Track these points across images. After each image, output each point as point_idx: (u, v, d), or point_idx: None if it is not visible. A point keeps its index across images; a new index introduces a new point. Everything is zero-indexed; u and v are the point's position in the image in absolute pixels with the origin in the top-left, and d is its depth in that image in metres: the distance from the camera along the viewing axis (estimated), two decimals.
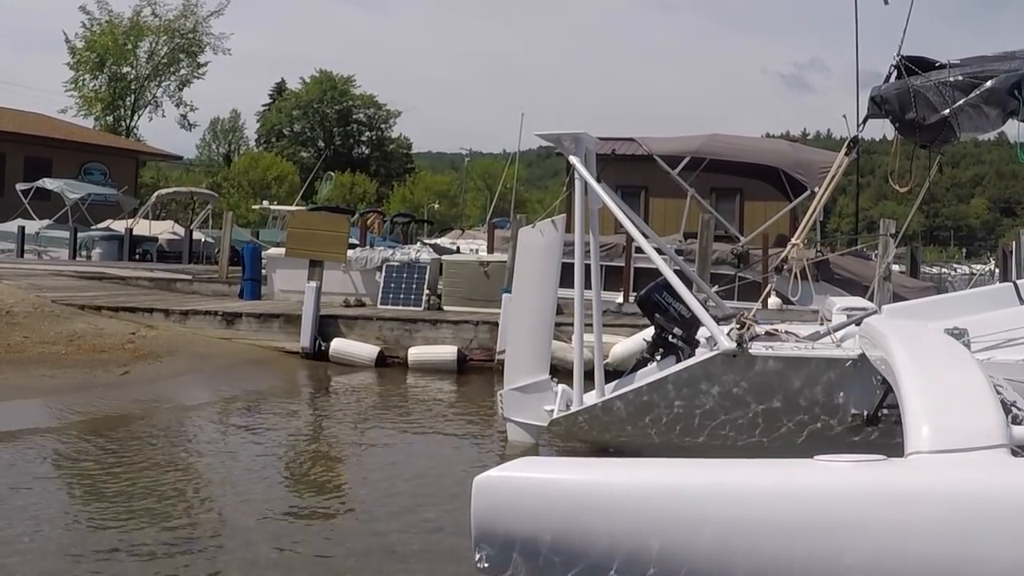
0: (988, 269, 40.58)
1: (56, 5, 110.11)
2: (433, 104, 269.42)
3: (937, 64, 9.26)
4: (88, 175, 42.85)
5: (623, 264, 18.91)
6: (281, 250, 19.40)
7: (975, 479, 3.58)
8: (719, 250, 18.95)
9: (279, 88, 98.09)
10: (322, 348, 15.83)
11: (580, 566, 3.67)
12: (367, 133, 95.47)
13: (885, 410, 7.31)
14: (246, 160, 76.50)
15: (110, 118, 60.02)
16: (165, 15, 60.17)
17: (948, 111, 8.84)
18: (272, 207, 45.99)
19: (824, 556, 3.49)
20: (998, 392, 4.36)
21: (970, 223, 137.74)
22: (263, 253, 20.92)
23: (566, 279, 9.60)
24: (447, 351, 15.54)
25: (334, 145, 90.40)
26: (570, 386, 9.25)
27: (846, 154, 9.51)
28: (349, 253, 18.09)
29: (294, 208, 38.65)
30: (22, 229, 31.47)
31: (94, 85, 59.77)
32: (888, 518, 3.46)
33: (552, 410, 9.13)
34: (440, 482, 8.62)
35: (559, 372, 10.08)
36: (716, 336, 8.06)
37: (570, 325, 10.15)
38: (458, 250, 26.12)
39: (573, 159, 9.04)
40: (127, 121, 61.07)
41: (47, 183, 35.45)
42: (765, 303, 12.97)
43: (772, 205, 21.60)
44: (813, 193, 17.22)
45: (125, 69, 60.15)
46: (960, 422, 3.94)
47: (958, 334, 6.50)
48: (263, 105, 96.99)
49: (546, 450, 9.19)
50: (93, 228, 33.36)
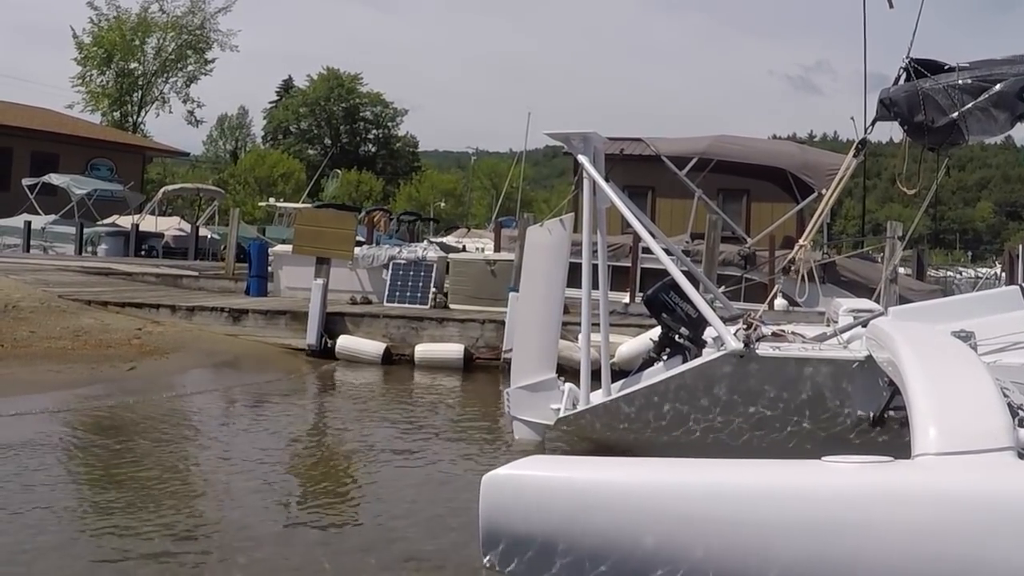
0: (994, 273, 40.47)
1: (64, 1, 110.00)
2: (440, 103, 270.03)
3: (946, 67, 9.26)
4: (94, 171, 42.91)
5: (629, 264, 18.91)
6: (287, 247, 19.41)
7: (982, 481, 3.59)
8: (726, 251, 18.95)
9: (286, 85, 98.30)
10: (328, 345, 15.84)
11: (587, 564, 3.68)
12: (374, 131, 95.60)
13: (891, 412, 7.30)
14: (252, 157, 76.67)
15: (117, 114, 60.13)
16: (173, 11, 60.42)
17: (957, 114, 8.84)
18: (278, 204, 46.09)
19: (831, 557, 3.51)
20: (1005, 395, 4.36)
21: (976, 226, 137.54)
22: (269, 250, 20.94)
23: (573, 279, 9.60)
24: (453, 349, 15.55)
25: (341, 143, 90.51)
26: (577, 385, 9.25)
27: (854, 156, 9.52)
28: (356, 251, 18.10)
29: (300, 205, 38.68)
30: (28, 224, 31.51)
31: (101, 81, 59.93)
32: (895, 519, 3.47)
33: (558, 409, 9.12)
34: (446, 479, 8.64)
35: (565, 371, 10.08)
36: (723, 336, 8.06)
37: (577, 324, 10.15)
38: (463, 249, 26.08)
39: (582, 158, 9.03)
40: (134, 117, 61.17)
41: (53, 178, 35.49)
42: (771, 304, 13.00)
43: (779, 207, 21.59)
44: (820, 195, 17.20)
45: (132, 65, 60.26)
46: (967, 424, 3.95)
47: (965, 337, 6.50)
48: (270, 102, 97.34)
49: (552, 449, 9.19)
50: (99, 224, 33.39)
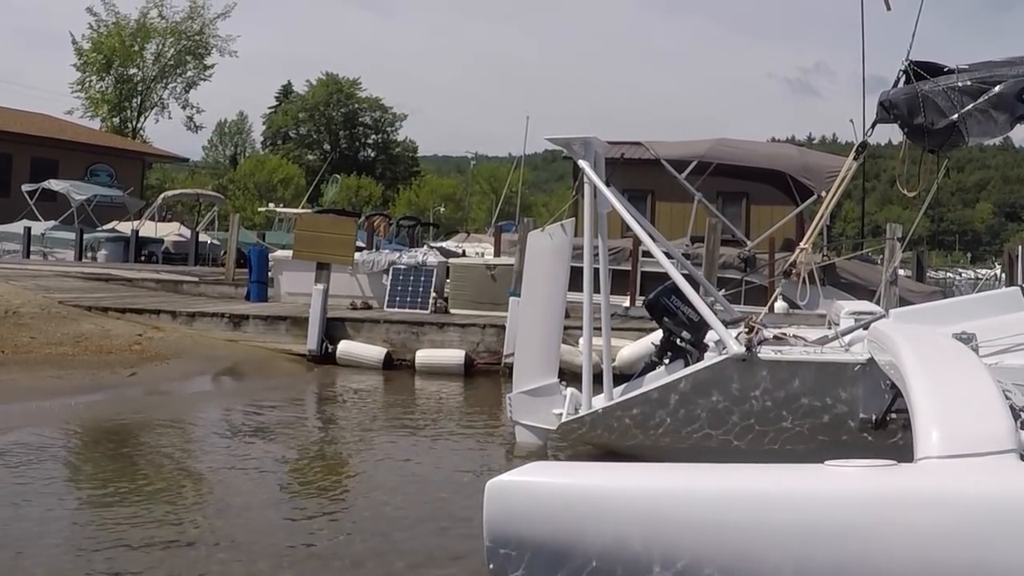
0: (993, 274, 40.47)
1: (63, 6, 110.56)
2: (439, 107, 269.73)
3: (945, 69, 9.26)
4: (94, 176, 42.92)
5: (630, 268, 18.92)
6: (287, 252, 19.41)
7: (985, 484, 3.58)
8: (726, 254, 18.95)
9: (285, 90, 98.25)
10: (329, 350, 15.83)
11: (592, 570, 3.67)
12: (373, 136, 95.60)
13: (894, 414, 7.31)
14: (252, 162, 76.69)
15: (116, 119, 60.09)
16: (172, 17, 60.34)
17: (956, 116, 8.84)
18: (278, 209, 46.07)
19: (834, 561, 3.50)
20: (1007, 397, 4.36)
21: (975, 228, 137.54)
22: (269, 255, 20.94)
23: (574, 283, 9.60)
24: (454, 354, 15.54)
25: (340, 148, 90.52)
26: (579, 389, 9.25)
27: (855, 159, 9.52)
28: (356, 256, 18.10)
29: (300, 211, 38.70)
30: (28, 230, 31.48)
31: (101, 86, 59.90)
32: (898, 523, 3.46)
33: (560, 413, 9.13)
34: (448, 485, 8.63)
35: (567, 376, 10.08)
36: (725, 340, 8.07)
37: (578, 329, 10.16)
38: (463, 253, 26.10)
39: (582, 163, 9.05)
40: (133, 123, 61.14)
41: (53, 184, 35.49)
42: (772, 307, 12.99)
43: (778, 209, 21.59)
44: (820, 198, 17.22)
45: (132, 71, 60.24)
46: (970, 427, 3.94)
47: (966, 339, 6.51)
48: (269, 107, 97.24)
49: (554, 454, 9.19)
50: (99, 229, 33.38)
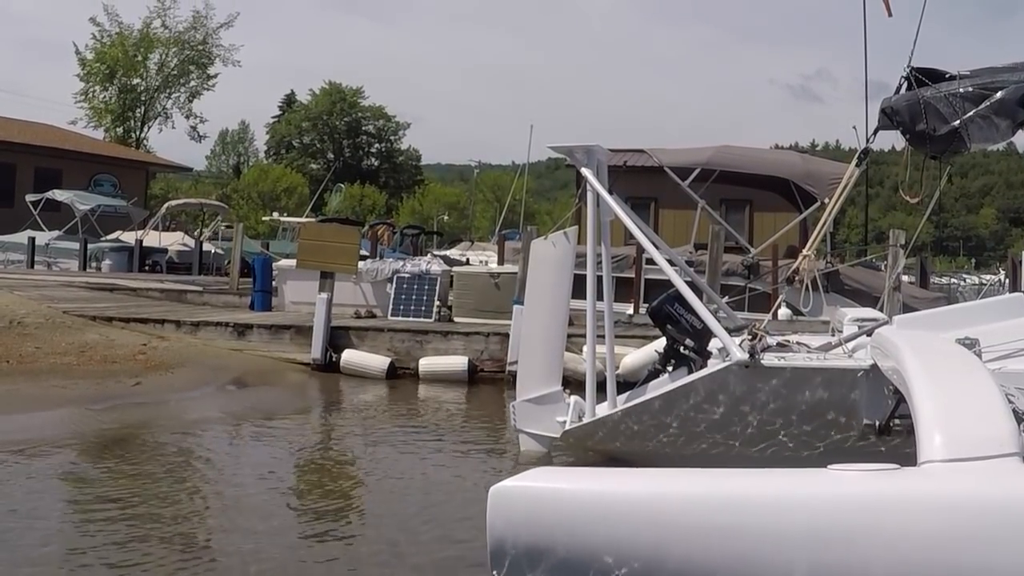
0: (997, 279, 40.42)
1: (66, 17, 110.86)
2: (442, 116, 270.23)
3: (947, 75, 9.27)
4: (98, 186, 42.93)
5: (633, 275, 18.92)
6: (291, 262, 19.43)
7: (988, 488, 3.58)
8: (729, 261, 18.95)
9: (289, 100, 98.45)
10: (333, 359, 15.85)
11: (595, 575, 3.68)
12: (376, 145, 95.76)
13: (897, 420, 7.32)
14: (256, 172, 76.82)
15: (120, 129, 60.06)
16: (175, 27, 60.21)
17: (958, 122, 8.84)
18: (282, 219, 46.13)
19: (837, 565, 3.50)
20: (1010, 401, 4.37)
21: (979, 233, 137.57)
22: (274, 264, 20.95)
23: (578, 291, 9.62)
24: (458, 362, 15.56)
25: (343, 157, 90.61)
26: (582, 397, 9.26)
27: (857, 165, 9.53)
28: (360, 265, 18.12)
29: (304, 220, 38.72)
30: (32, 240, 31.50)
31: (104, 96, 59.82)
32: (901, 527, 3.46)
33: (564, 421, 9.14)
34: (452, 493, 8.64)
35: (571, 383, 10.08)
36: (728, 347, 8.07)
37: (582, 336, 10.17)
38: (467, 262, 26.14)
39: (585, 171, 9.06)
40: (137, 132, 61.11)
41: (57, 194, 35.47)
42: (775, 314, 13.00)
43: (782, 216, 21.59)
44: (823, 204, 17.23)
45: (135, 81, 60.19)
46: (972, 431, 3.94)
47: (969, 344, 6.51)
48: (273, 117, 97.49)
49: (558, 461, 9.20)
50: (103, 239, 33.36)
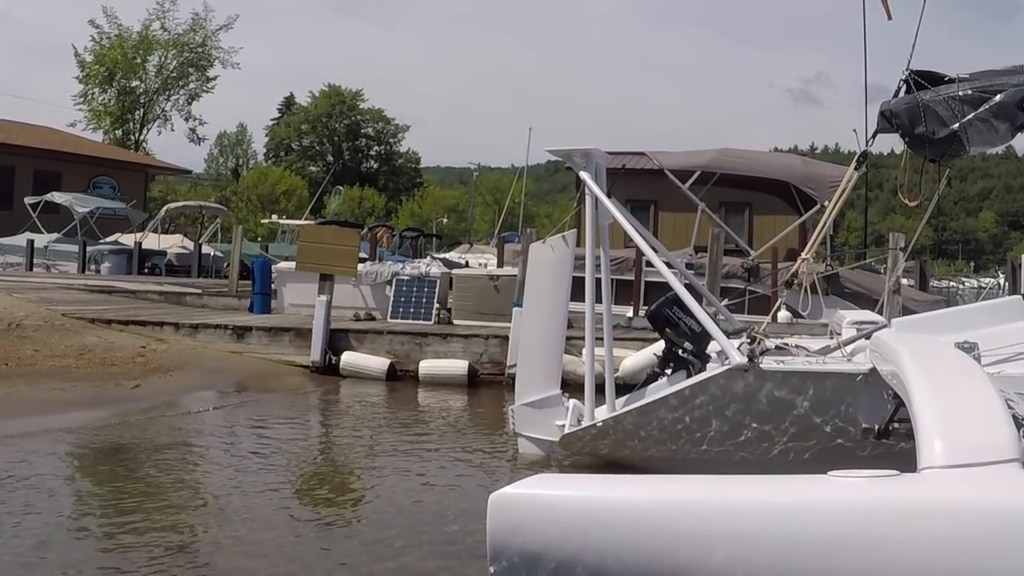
0: (996, 282, 40.45)
1: (66, 19, 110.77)
2: (441, 119, 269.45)
3: (946, 78, 9.26)
4: (97, 189, 42.92)
5: (633, 278, 18.92)
6: (291, 264, 19.44)
7: (988, 494, 3.58)
8: (729, 264, 18.96)
9: (288, 102, 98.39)
10: (332, 362, 15.85)
11: None
12: (376, 147, 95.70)
13: (896, 424, 7.31)
14: (255, 174, 76.80)
15: (119, 132, 60.06)
16: (174, 29, 60.26)
17: (957, 125, 8.83)
18: (281, 221, 46.08)
19: (838, 572, 3.50)
20: (1010, 407, 4.36)
21: (978, 236, 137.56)
22: (273, 267, 20.95)
23: (577, 293, 9.61)
24: (458, 365, 15.55)
25: (343, 159, 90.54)
26: (581, 401, 9.25)
27: (856, 168, 9.52)
28: (359, 267, 18.11)
29: (303, 222, 38.70)
30: (31, 243, 31.51)
31: (103, 99, 59.82)
32: (901, 533, 3.45)
33: (563, 425, 9.12)
34: (452, 497, 8.62)
35: (569, 387, 10.08)
36: (727, 350, 8.06)
37: (581, 339, 10.16)
38: (467, 264, 26.11)
39: (584, 175, 9.06)
40: (136, 135, 61.12)
41: (56, 197, 35.50)
42: (775, 317, 12.98)
43: (781, 219, 21.60)
44: (823, 207, 17.23)
45: (134, 83, 60.20)
46: (973, 437, 3.93)
47: (968, 348, 6.49)
48: (272, 119, 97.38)
49: (557, 465, 9.19)
50: (102, 242, 33.40)
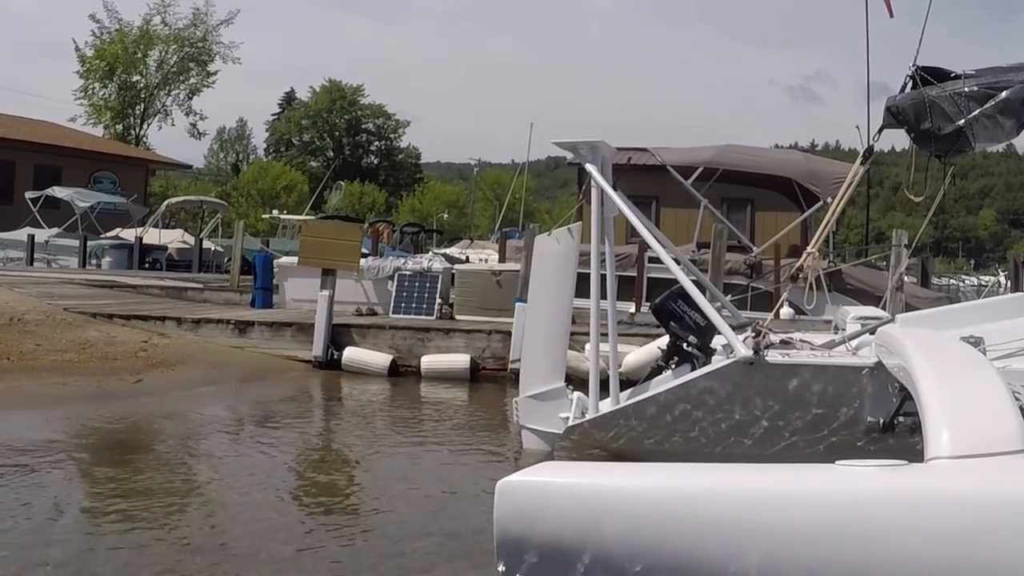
0: (997, 280, 40.47)
1: (66, 13, 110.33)
2: (442, 114, 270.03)
3: (952, 74, 9.25)
4: (98, 184, 42.87)
5: (635, 273, 18.91)
6: (292, 259, 19.41)
7: (995, 484, 3.59)
8: (732, 260, 18.95)
9: (288, 98, 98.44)
10: (335, 357, 15.82)
11: (603, 570, 3.67)
12: (376, 143, 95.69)
13: (901, 418, 7.31)
14: (255, 169, 76.81)
15: (119, 127, 60.03)
16: (175, 24, 60.25)
17: (963, 121, 8.82)
18: (281, 216, 46.12)
19: (845, 561, 3.50)
20: (1017, 398, 4.36)
21: (978, 234, 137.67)
22: (275, 262, 20.93)
23: (580, 289, 9.60)
24: (460, 360, 15.54)
25: (343, 155, 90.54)
26: (585, 394, 9.24)
27: (861, 164, 9.52)
28: (361, 262, 18.10)
29: (304, 217, 38.72)
30: (31, 237, 31.52)
31: (104, 94, 59.79)
32: (909, 523, 3.46)
33: (567, 418, 9.12)
34: (455, 490, 8.62)
35: (573, 382, 10.07)
36: (733, 343, 8.06)
37: (584, 334, 10.15)
38: (467, 260, 26.12)
39: (590, 167, 9.05)
40: (137, 130, 61.08)
41: (57, 191, 35.47)
42: (778, 313, 12.98)
43: (783, 216, 21.59)
44: (826, 204, 17.23)
45: (135, 78, 60.16)
46: (980, 427, 3.95)
47: (974, 342, 6.51)
48: (272, 114, 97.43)
49: (561, 458, 9.17)
50: (103, 237, 33.37)
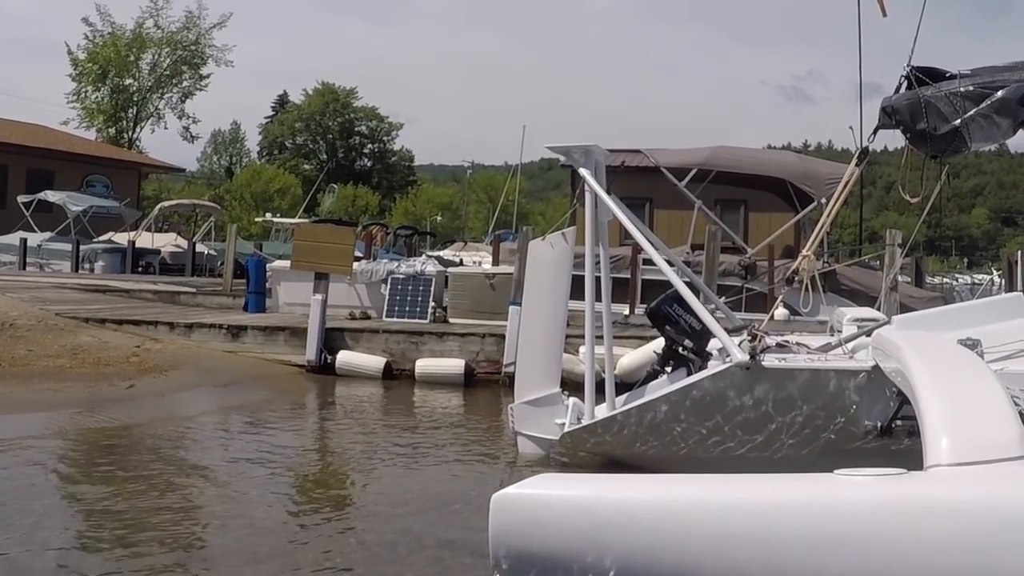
0: (990, 279, 40.54)
1: (59, 16, 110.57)
2: (435, 116, 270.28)
3: (947, 74, 9.21)
4: (90, 187, 42.87)
5: (629, 276, 18.86)
6: (285, 263, 19.36)
7: (997, 491, 3.56)
8: (726, 262, 18.92)
9: (282, 100, 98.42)
10: (328, 361, 15.78)
11: None
12: (369, 145, 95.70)
13: (899, 422, 7.28)
14: (248, 172, 76.74)
15: (112, 130, 59.95)
16: (168, 27, 60.22)
17: (959, 121, 8.77)
18: (275, 220, 46.02)
19: (846, 571, 3.47)
20: (1016, 403, 4.33)
21: (972, 233, 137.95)
22: (267, 266, 20.87)
23: (575, 292, 9.55)
24: (454, 364, 15.48)
25: (336, 157, 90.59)
26: (581, 399, 9.19)
27: (856, 165, 9.47)
28: (354, 265, 18.05)
29: (297, 221, 38.64)
30: (24, 241, 31.45)
31: (96, 97, 59.71)
32: (909, 532, 3.44)
33: (563, 424, 9.06)
34: (450, 498, 8.56)
35: (569, 385, 10.02)
36: (729, 348, 8.02)
37: (579, 338, 10.10)
38: (461, 263, 26.08)
39: (583, 171, 9.00)
40: (129, 133, 61.01)
41: (49, 195, 35.44)
42: (773, 315, 12.94)
43: (777, 217, 21.55)
44: (820, 205, 17.20)
45: (127, 81, 60.10)
46: (980, 434, 3.92)
47: (971, 344, 6.46)
48: (266, 117, 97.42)
49: (557, 464, 9.12)
50: (95, 240, 33.35)
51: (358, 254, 21.50)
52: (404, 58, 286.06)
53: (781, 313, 14.86)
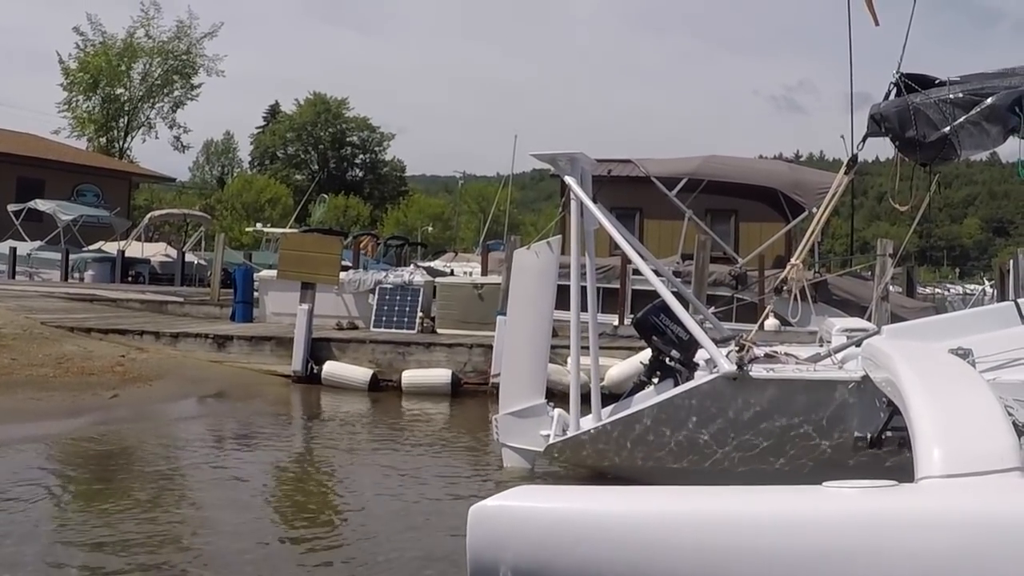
0: (982, 288, 40.65)
1: (50, 25, 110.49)
2: (426, 127, 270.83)
3: (936, 81, 9.15)
4: (81, 196, 42.75)
5: (619, 286, 18.80)
6: (273, 272, 19.28)
7: (989, 504, 3.47)
8: (716, 271, 18.86)
9: (273, 110, 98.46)
10: (314, 371, 15.69)
11: None
12: (361, 156, 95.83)
13: (889, 432, 7.18)
14: (240, 182, 76.78)
15: (103, 139, 59.98)
16: (159, 36, 60.29)
17: (949, 128, 8.70)
18: (265, 229, 46.00)
19: None
20: (1009, 414, 4.24)
21: (963, 243, 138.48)
22: (255, 275, 20.77)
23: (562, 301, 9.46)
24: (441, 374, 15.38)
25: (328, 168, 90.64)
26: (566, 410, 9.09)
27: (845, 173, 9.39)
28: (342, 275, 17.96)
29: (287, 231, 38.57)
30: (13, 250, 31.39)
31: (87, 106, 59.75)
32: (900, 545, 3.35)
33: (548, 435, 8.97)
34: (436, 511, 8.45)
35: (555, 396, 9.92)
36: (716, 359, 7.93)
37: (566, 348, 10.01)
38: (452, 273, 26.01)
39: (569, 179, 8.92)
40: (120, 142, 61.01)
41: (39, 204, 35.38)
42: (763, 324, 12.87)
43: (767, 226, 21.54)
44: (811, 214, 17.14)
45: (119, 90, 60.14)
46: (972, 445, 3.83)
47: (963, 354, 6.37)
48: (257, 127, 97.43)
49: (542, 476, 9.02)
50: (85, 249, 33.31)
51: (347, 263, 21.43)
52: (396, 69, 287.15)
53: (772, 323, 14.80)
